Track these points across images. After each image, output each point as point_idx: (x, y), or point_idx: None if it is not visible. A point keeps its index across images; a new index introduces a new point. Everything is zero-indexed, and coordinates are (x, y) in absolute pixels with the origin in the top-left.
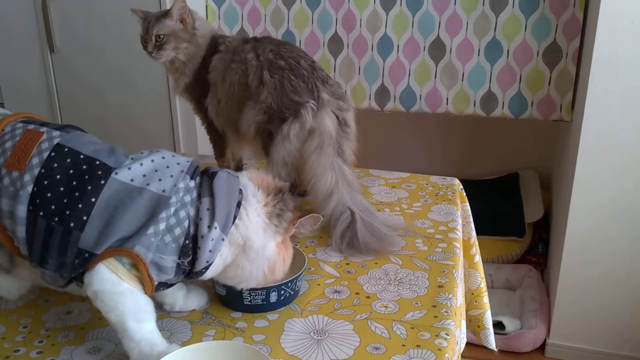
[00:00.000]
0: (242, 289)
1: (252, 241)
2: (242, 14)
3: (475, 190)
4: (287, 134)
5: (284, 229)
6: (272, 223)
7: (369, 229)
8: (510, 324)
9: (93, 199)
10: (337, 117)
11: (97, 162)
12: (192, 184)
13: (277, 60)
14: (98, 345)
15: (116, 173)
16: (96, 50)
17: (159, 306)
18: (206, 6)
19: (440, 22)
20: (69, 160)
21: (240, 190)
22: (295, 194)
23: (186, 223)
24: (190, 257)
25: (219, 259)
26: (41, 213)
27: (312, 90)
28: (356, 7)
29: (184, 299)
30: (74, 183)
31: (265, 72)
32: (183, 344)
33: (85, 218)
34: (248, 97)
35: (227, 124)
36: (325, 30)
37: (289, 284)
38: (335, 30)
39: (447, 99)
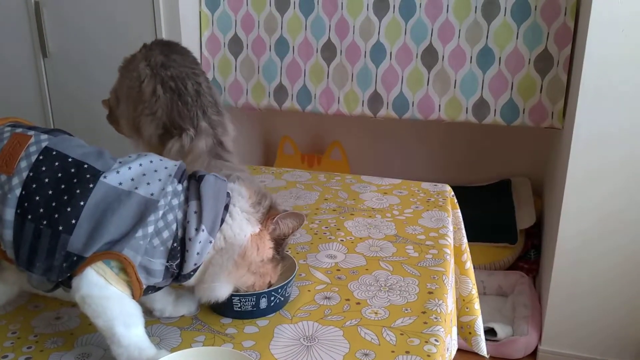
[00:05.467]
0: (231, 295)
1: (230, 232)
2: (236, 20)
3: (466, 196)
4: (169, 150)
5: (262, 214)
6: (254, 210)
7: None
8: (501, 331)
9: (82, 203)
10: (213, 141)
11: (86, 166)
12: (179, 187)
13: (168, 81)
14: (87, 351)
15: (105, 177)
16: (89, 55)
17: (148, 312)
18: (199, 12)
19: (432, 29)
20: (57, 163)
21: (228, 193)
22: None
23: (174, 226)
24: (179, 260)
25: (204, 264)
26: (29, 216)
27: (192, 118)
28: (349, 14)
29: (174, 304)
30: (63, 186)
31: (159, 86)
32: (172, 350)
33: (73, 221)
34: (140, 100)
35: (133, 132)
36: (319, 36)
37: (279, 290)
38: (329, 36)
39: (440, 105)
